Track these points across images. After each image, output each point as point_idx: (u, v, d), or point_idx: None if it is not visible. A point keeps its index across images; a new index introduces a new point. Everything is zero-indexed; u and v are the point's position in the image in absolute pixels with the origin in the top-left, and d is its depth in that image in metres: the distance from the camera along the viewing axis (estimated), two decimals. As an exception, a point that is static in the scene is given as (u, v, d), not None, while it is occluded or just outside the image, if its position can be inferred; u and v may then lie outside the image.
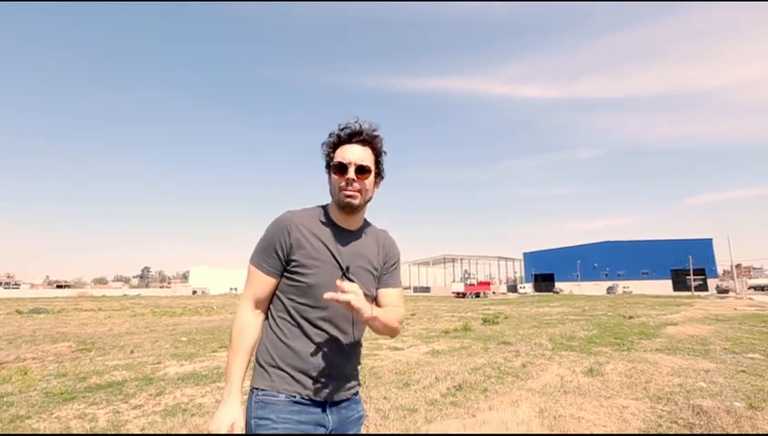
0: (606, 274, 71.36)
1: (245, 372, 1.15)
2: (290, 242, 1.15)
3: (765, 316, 14.25)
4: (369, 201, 1.24)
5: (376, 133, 1.21)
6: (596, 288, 67.54)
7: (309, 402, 1.11)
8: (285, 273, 1.18)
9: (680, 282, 62.14)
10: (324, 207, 1.26)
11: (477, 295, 50.68)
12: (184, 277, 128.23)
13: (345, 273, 1.17)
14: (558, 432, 2.60)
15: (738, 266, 72.55)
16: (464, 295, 50.42)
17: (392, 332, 1.20)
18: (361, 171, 1.17)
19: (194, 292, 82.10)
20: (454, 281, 67.11)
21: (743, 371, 5.42)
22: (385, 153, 1.25)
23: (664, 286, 62.94)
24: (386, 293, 1.29)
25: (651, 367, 5.70)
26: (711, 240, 62.39)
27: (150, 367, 6.16)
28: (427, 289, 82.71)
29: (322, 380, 1.13)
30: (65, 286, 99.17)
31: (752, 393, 4.34)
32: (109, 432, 2.75)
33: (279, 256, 1.17)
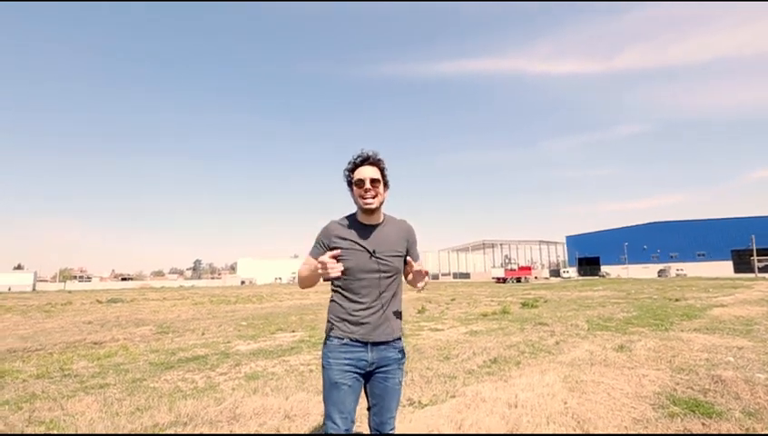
0: (657, 257, 67.70)
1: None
2: (331, 240, 1.73)
3: (830, 297, 13.41)
4: (383, 202, 1.77)
5: (379, 157, 1.77)
6: (646, 271, 64.35)
7: (352, 343, 1.68)
8: None
9: (743, 264, 57.85)
10: (353, 213, 1.82)
11: (519, 280, 50.11)
12: (232, 268, 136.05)
13: (373, 255, 1.71)
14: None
15: (813, 244, 65.85)
16: (504, 281, 50.04)
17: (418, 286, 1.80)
18: (373, 182, 1.72)
19: (243, 283, 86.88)
20: (494, 266, 66.27)
21: (781, 349, 5.50)
22: (386, 169, 1.80)
23: (725, 268, 58.84)
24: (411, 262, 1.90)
25: (682, 344, 5.92)
26: (778, 217, 57.37)
27: (222, 345, 7.17)
28: (466, 275, 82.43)
29: (363, 326, 1.69)
30: (129, 279, 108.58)
31: (779, 367, 4.52)
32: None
33: (324, 250, 1.73)
